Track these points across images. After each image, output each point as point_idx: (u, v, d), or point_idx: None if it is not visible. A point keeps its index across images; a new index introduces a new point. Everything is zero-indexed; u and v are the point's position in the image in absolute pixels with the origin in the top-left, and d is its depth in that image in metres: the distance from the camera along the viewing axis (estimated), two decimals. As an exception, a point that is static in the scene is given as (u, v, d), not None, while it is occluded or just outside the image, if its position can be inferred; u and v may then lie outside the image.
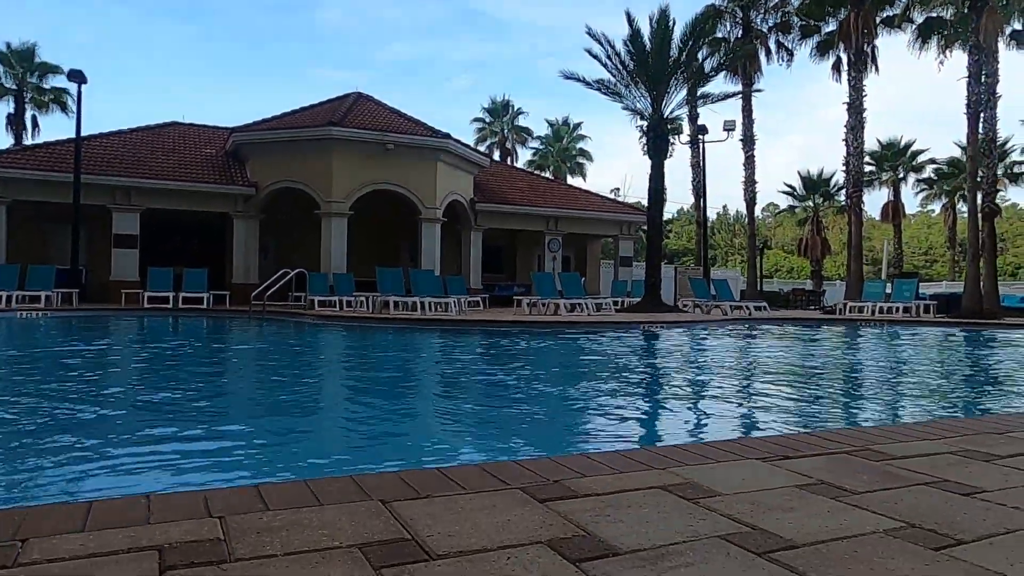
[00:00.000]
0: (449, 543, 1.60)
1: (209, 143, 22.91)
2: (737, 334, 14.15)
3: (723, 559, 1.55)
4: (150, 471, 3.36)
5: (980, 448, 2.73)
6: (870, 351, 11.55)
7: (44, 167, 18.81)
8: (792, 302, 28.01)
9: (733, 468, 2.35)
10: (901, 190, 41.06)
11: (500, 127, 48.84)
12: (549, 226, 24.70)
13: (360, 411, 5.33)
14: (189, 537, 1.60)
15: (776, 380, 7.45)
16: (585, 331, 13.35)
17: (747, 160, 29.75)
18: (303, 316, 15.57)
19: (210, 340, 12.16)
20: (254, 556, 1.51)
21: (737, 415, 5.28)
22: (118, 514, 1.75)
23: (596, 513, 1.83)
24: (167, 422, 4.56)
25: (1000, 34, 21.69)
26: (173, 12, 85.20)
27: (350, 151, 19.66)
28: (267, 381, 7.03)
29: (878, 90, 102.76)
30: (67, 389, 5.95)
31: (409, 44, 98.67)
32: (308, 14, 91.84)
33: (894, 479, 2.24)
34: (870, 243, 46.97)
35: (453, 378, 7.41)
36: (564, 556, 1.54)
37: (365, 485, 2.05)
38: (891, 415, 5.40)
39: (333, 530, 1.67)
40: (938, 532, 1.74)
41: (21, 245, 19.04)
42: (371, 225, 21.68)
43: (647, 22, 19.14)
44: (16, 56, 33.33)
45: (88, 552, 1.51)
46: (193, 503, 1.85)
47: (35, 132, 34.42)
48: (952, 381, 7.94)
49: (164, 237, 21.11)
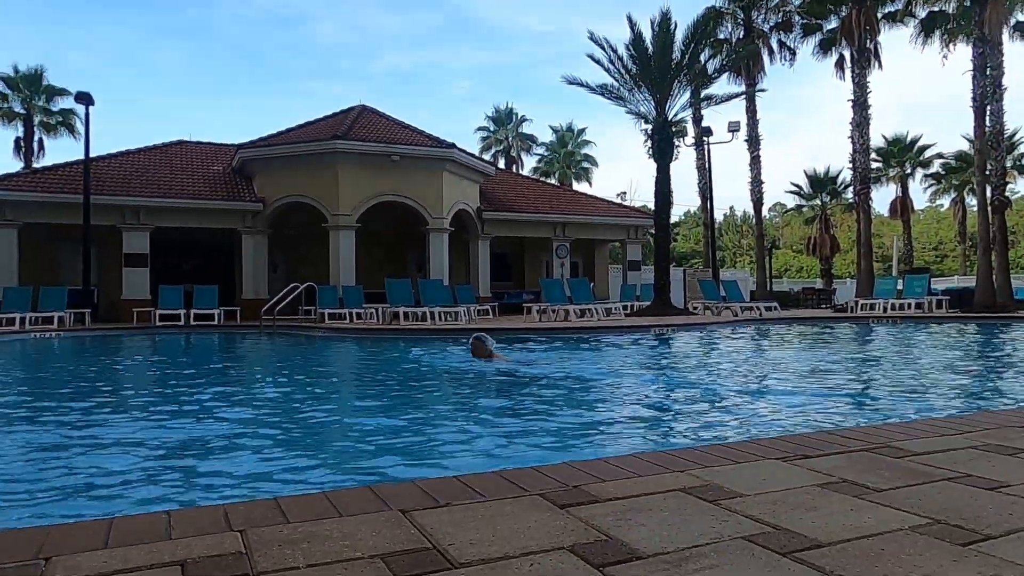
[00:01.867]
0: (471, 551, 1.59)
1: (216, 160, 23.05)
2: (748, 335, 14.09)
3: (748, 560, 1.53)
4: (169, 486, 3.36)
5: (1002, 442, 2.70)
6: (883, 348, 11.47)
7: (54, 189, 18.97)
8: (803, 301, 27.87)
9: (753, 469, 2.33)
10: (909, 186, 40.86)
11: (504, 135, 48.94)
12: (556, 232, 24.69)
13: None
14: (211, 551, 1.60)
15: (790, 379, 7.40)
16: (596, 336, 13.32)
17: (753, 160, 29.67)
18: (314, 330, 15.61)
19: (224, 355, 12.20)
20: (277, 569, 1.51)
21: (753, 415, 5.25)
22: (139, 530, 1.76)
23: (617, 517, 1.82)
24: (192, 436, 4.57)
25: (1004, 26, 21.59)
26: (170, 31, 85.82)
27: (356, 164, 19.73)
28: (286, 395, 7.04)
29: (882, 86, 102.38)
30: (86, 407, 5.98)
31: (406, 54, 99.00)
32: (304, 29, 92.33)
33: (916, 475, 2.22)
34: (879, 240, 46.65)
35: (473, 384, 7.40)
36: (588, 561, 1.53)
37: (384, 495, 2.05)
38: (909, 411, 5.36)
39: (354, 541, 1.66)
40: (964, 527, 1.72)
41: (33, 267, 19.17)
42: (379, 237, 21.74)
43: (648, 25, 19.17)
44: (24, 80, 33.66)
45: (111, 569, 1.51)
46: (213, 517, 1.85)
47: (40, 155, 34.71)
48: (968, 376, 7.87)
49: (174, 255, 21.23)
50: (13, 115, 34.19)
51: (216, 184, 21.29)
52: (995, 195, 21.44)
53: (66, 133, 35.06)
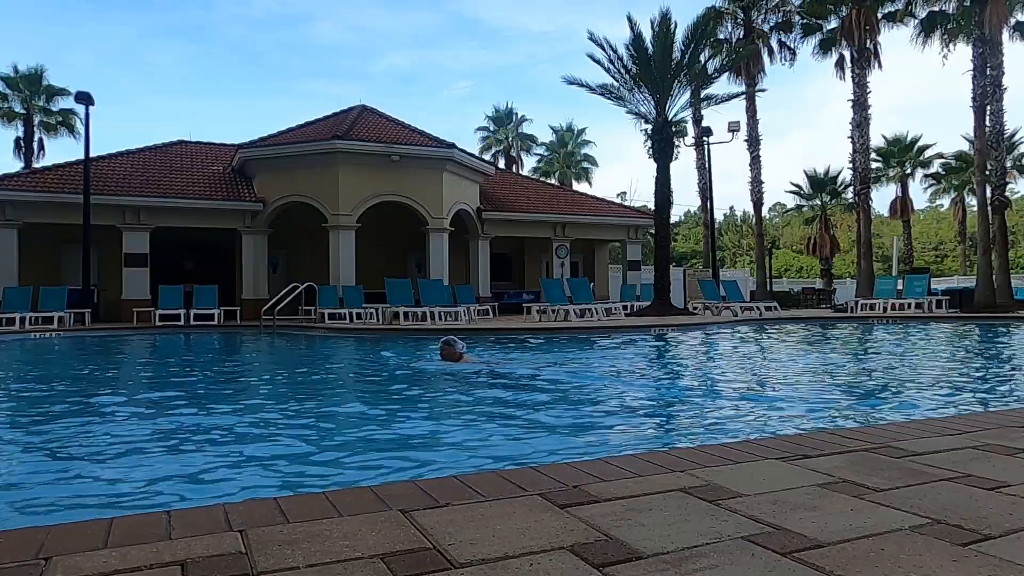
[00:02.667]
0: (471, 551, 1.59)
1: (216, 160, 23.04)
2: (748, 335, 14.09)
3: (748, 560, 1.53)
4: (169, 485, 3.36)
5: (1001, 442, 2.70)
6: (883, 348, 11.47)
7: (54, 189, 18.97)
8: (803, 301, 27.87)
9: (753, 469, 2.33)
10: (909, 186, 40.84)
11: (504, 135, 48.94)
12: (556, 232, 24.68)
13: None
14: (211, 551, 1.60)
15: (790, 379, 7.41)
16: (596, 336, 13.32)
17: (753, 160, 29.66)
18: (313, 329, 15.61)
19: (224, 356, 12.20)
20: (277, 568, 1.51)
21: (753, 415, 5.25)
22: (139, 530, 1.76)
23: (617, 517, 1.82)
24: (194, 437, 4.57)
25: (1004, 26, 21.59)
26: (170, 31, 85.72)
27: (356, 164, 19.73)
28: (287, 393, 7.04)
29: (882, 86, 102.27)
30: (85, 408, 5.98)
31: (405, 54, 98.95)
32: (304, 29, 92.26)
33: (916, 475, 2.22)
34: (879, 240, 46.61)
35: (472, 384, 7.40)
36: (588, 561, 1.53)
37: (383, 495, 2.05)
38: (909, 411, 5.35)
39: (354, 541, 1.66)
40: (964, 527, 1.72)
41: (33, 267, 19.17)
42: (379, 237, 21.73)
43: (648, 25, 19.17)
44: (24, 80, 33.65)
45: (111, 569, 1.51)
46: (213, 517, 1.85)
47: (40, 155, 34.71)
48: (968, 375, 7.87)
49: (174, 255, 21.22)
50: (13, 115, 34.17)
51: (216, 184, 21.29)
52: (995, 195, 21.44)
53: (66, 133, 35.06)
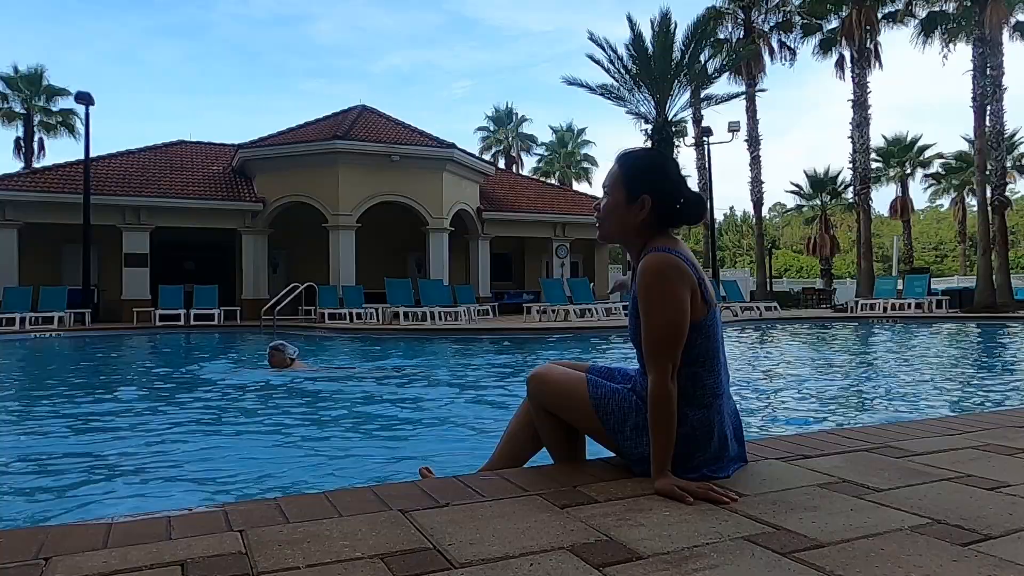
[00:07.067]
0: (471, 551, 1.59)
1: (216, 160, 23.06)
2: (747, 335, 14.09)
3: (748, 560, 1.53)
4: (168, 487, 3.36)
5: (1001, 442, 2.70)
6: (883, 348, 11.47)
7: (54, 189, 18.98)
8: (803, 301, 27.88)
9: (752, 468, 2.33)
10: (909, 186, 40.91)
11: (504, 135, 48.96)
12: (556, 232, 24.70)
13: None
14: (211, 551, 1.60)
15: (790, 379, 7.41)
16: (597, 336, 13.32)
17: (753, 160, 29.66)
18: (314, 329, 15.61)
19: (224, 356, 12.20)
20: (277, 568, 1.51)
21: (753, 415, 5.25)
22: (139, 531, 1.75)
23: (617, 517, 1.82)
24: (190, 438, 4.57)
25: (1004, 26, 21.60)
26: (169, 31, 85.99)
27: (356, 164, 19.74)
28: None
29: (882, 86, 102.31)
30: (85, 411, 5.98)
31: (406, 54, 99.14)
32: (303, 28, 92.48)
33: (916, 475, 2.22)
34: (879, 240, 46.62)
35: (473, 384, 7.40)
36: (587, 561, 1.53)
37: (383, 495, 2.05)
38: (909, 411, 5.35)
39: (354, 541, 1.66)
40: (964, 527, 1.72)
41: (33, 267, 19.19)
42: (379, 237, 21.75)
43: (648, 25, 19.20)
44: (24, 80, 33.66)
45: (111, 569, 1.51)
46: (213, 518, 1.85)
47: (40, 155, 34.71)
48: (968, 375, 7.87)
49: (174, 255, 21.23)
50: (13, 115, 34.18)
51: (216, 184, 21.30)
52: (995, 195, 21.45)
53: (66, 133, 35.07)
